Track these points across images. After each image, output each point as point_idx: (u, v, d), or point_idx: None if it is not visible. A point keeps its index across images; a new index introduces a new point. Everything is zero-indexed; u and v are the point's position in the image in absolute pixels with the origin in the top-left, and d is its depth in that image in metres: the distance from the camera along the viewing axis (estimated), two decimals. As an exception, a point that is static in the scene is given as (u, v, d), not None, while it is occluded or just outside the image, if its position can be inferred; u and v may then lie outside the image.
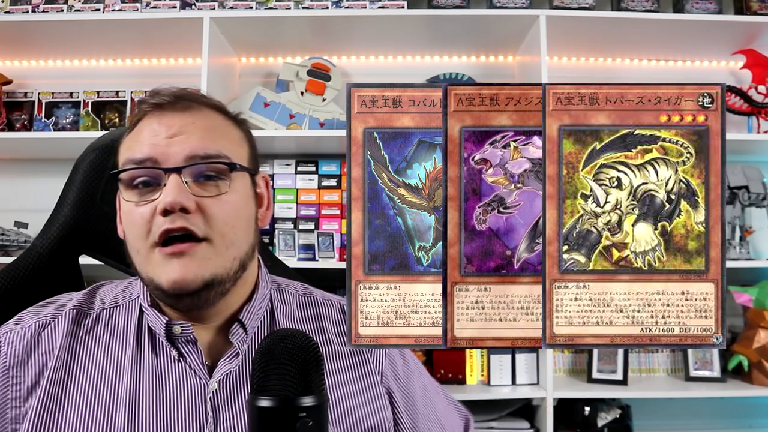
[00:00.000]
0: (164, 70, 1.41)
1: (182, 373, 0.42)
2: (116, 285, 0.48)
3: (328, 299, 0.51)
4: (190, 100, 0.43)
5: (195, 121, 0.43)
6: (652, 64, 1.41)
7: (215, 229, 0.41)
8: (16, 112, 1.34)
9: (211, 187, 0.42)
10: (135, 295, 0.46)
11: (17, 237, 1.25)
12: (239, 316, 0.44)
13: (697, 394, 1.20)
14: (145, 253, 0.41)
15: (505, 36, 1.29)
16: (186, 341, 0.43)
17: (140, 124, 0.43)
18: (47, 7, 1.24)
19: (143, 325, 0.44)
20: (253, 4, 1.25)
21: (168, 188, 0.40)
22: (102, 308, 0.45)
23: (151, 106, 0.43)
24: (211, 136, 0.43)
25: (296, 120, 1.29)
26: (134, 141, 0.43)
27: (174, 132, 0.42)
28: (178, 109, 0.43)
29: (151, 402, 0.41)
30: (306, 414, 0.30)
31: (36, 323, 0.43)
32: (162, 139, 0.41)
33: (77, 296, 0.46)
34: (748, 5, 1.28)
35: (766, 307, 1.17)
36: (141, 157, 0.41)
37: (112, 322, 0.44)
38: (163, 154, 0.41)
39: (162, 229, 0.40)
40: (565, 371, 1.32)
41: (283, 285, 0.51)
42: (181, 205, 0.39)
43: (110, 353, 0.43)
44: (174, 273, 0.40)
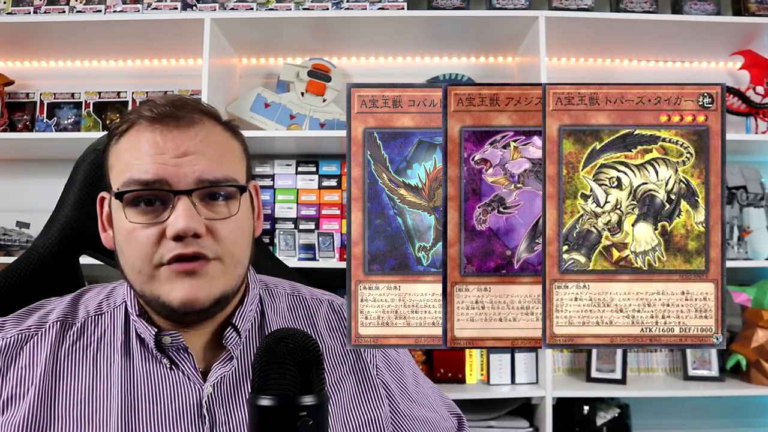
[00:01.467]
0: (165, 70, 1.41)
1: (175, 380, 0.42)
2: (99, 291, 0.47)
3: (316, 298, 0.51)
4: (189, 110, 0.42)
5: (202, 139, 0.41)
6: (651, 65, 1.41)
7: (224, 250, 0.41)
8: (18, 113, 1.35)
9: (220, 208, 0.41)
10: (119, 302, 0.45)
11: (19, 237, 1.25)
12: (232, 320, 0.44)
13: (695, 393, 1.21)
14: (148, 273, 0.40)
15: (504, 37, 1.29)
16: (177, 349, 0.43)
17: (134, 134, 0.41)
18: (49, 8, 1.24)
19: (130, 333, 0.43)
20: (254, 5, 1.25)
21: (179, 213, 0.39)
22: (86, 316, 0.44)
23: (150, 119, 0.41)
24: (218, 156, 0.42)
25: (297, 120, 1.30)
26: (134, 156, 0.41)
27: (182, 152, 0.40)
28: (182, 126, 0.41)
29: (146, 410, 0.41)
30: (306, 413, 0.30)
31: (18, 335, 0.42)
32: (170, 159, 0.40)
33: (61, 305, 0.45)
34: (746, 6, 1.28)
35: (764, 307, 1.18)
36: (149, 179, 0.40)
37: (99, 331, 0.43)
38: (173, 175, 0.40)
39: (173, 254, 0.39)
40: (564, 370, 1.32)
41: (271, 284, 0.50)
42: (194, 231, 0.39)
43: (98, 363, 0.42)
44: (184, 292, 0.39)
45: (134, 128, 0.42)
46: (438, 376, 1.22)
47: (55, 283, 0.53)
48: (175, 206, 0.40)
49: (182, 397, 0.42)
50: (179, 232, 0.39)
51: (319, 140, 1.25)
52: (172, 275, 0.40)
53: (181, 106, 0.42)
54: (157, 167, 0.40)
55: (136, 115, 0.42)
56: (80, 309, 0.45)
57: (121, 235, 0.42)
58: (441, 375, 1.22)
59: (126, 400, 0.41)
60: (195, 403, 0.42)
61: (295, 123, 1.29)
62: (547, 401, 1.14)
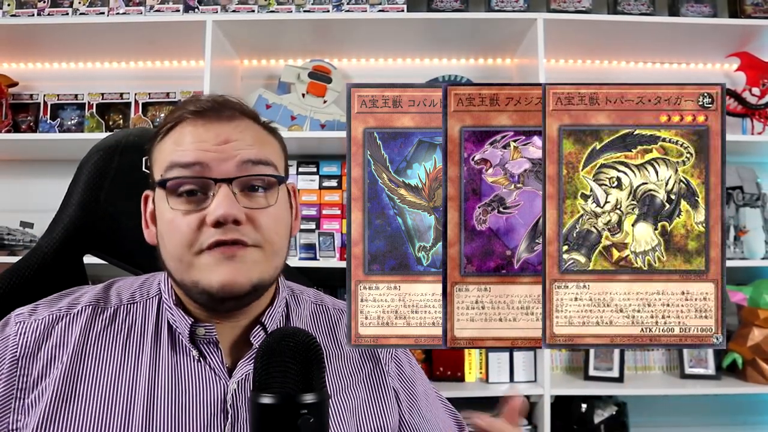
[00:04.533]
0: (167, 72, 1.42)
1: (202, 373, 0.42)
2: (132, 281, 0.48)
3: (338, 308, 0.52)
4: (231, 108, 0.43)
5: (242, 130, 0.42)
6: (648, 67, 1.42)
7: (264, 238, 0.41)
8: (21, 114, 1.35)
9: (258, 199, 0.42)
10: (153, 293, 0.46)
11: (23, 237, 1.25)
12: (261, 319, 0.45)
13: (692, 391, 1.21)
14: (189, 260, 0.41)
15: (503, 39, 1.30)
16: (208, 342, 0.43)
17: (178, 129, 0.43)
18: (52, 10, 1.25)
19: (161, 323, 0.44)
20: (255, 7, 1.26)
21: (219, 200, 0.40)
22: (120, 303, 0.45)
23: (192, 113, 0.42)
24: (259, 144, 0.43)
25: (297, 121, 1.30)
26: (177, 146, 0.42)
27: (223, 139, 0.41)
28: (223, 119, 0.42)
29: (169, 400, 0.41)
30: (307, 411, 0.30)
31: (50, 316, 0.43)
32: (211, 146, 0.41)
33: (93, 290, 0.46)
34: (743, 8, 1.29)
35: (760, 306, 1.18)
36: (189, 161, 0.40)
37: (130, 318, 0.44)
38: (214, 160, 0.41)
39: (213, 240, 0.40)
40: (562, 369, 1.33)
41: (297, 291, 0.51)
42: (234, 217, 0.39)
43: (128, 349, 0.43)
44: (224, 275, 0.40)
45: (179, 126, 0.43)
46: (437, 374, 1.22)
47: (59, 282, 0.53)
48: (216, 194, 0.40)
49: (207, 391, 0.42)
50: (219, 218, 0.39)
51: (319, 141, 1.25)
52: (211, 260, 0.40)
53: (223, 103, 0.44)
54: (197, 153, 0.41)
55: (180, 113, 0.43)
56: (112, 296, 0.46)
57: (164, 226, 0.42)
58: (440, 373, 1.22)
59: (151, 389, 0.41)
60: (219, 398, 0.42)
61: (296, 124, 1.30)
62: (546, 399, 1.15)
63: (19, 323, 0.43)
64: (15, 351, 0.42)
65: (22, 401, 0.41)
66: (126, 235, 0.54)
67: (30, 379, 0.41)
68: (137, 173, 0.49)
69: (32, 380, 0.41)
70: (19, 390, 0.41)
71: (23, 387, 0.41)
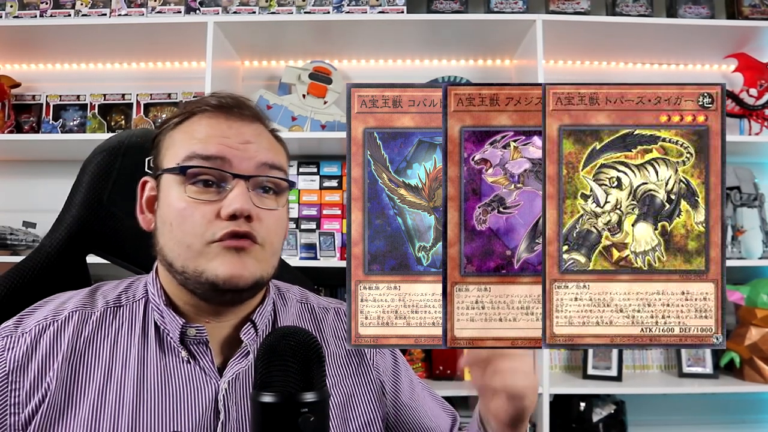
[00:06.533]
0: (169, 73, 1.42)
1: (192, 374, 0.42)
2: (117, 285, 0.48)
3: (323, 306, 0.52)
4: (250, 110, 0.45)
5: (259, 134, 0.44)
6: (647, 68, 1.42)
7: (268, 238, 0.43)
8: (24, 115, 1.36)
9: (268, 201, 0.44)
10: (140, 295, 0.46)
11: (26, 236, 1.26)
12: (252, 317, 0.45)
13: (690, 390, 1.21)
14: (199, 248, 0.41)
15: (502, 40, 1.30)
16: (197, 342, 0.43)
17: (195, 120, 0.43)
18: (55, 11, 1.26)
19: (148, 325, 0.44)
20: (256, 9, 1.26)
21: (236, 193, 0.41)
22: (105, 307, 0.45)
23: (214, 107, 0.44)
24: (273, 150, 0.45)
25: (298, 122, 1.30)
26: (195, 137, 0.42)
27: (245, 140, 0.43)
28: (245, 119, 0.44)
29: (157, 403, 0.41)
30: (308, 409, 0.30)
31: (36, 327, 0.43)
32: (234, 143, 0.42)
33: (78, 296, 0.46)
34: (740, 10, 1.29)
35: (757, 305, 1.19)
36: (211, 154, 0.41)
37: (117, 322, 0.44)
38: (236, 157, 0.42)
39: (228, 230, 0.40)
40: (560, 368, 1.33)
41: (283, 289, 0.52)
42: (248, 212, 0.41)
43: (116, 352, 0.43)
44: (231, 267, 0.40)
45: (196, 116, 0.44)
46: (437, 373, 1.22)
47: (62, 282, 0.53)
48: (233, 188, 0.41)
49: (198, 391, 0.42)
50: (235, 211, 0.40)
51: (320, 141, 1.25)
52: (222, 251, 0.41)
53: (243, 103, 0.45)
54: (219, 147, 0.42)
55: (197, 106, 0.44)
56: (98, 300, 0.46)
57: (172, 213, 0.42)
58: (440, 372, 1.22)
59: (139, 391, 0.41)
60: (211, 398, 0.42)
61: (296, 125, 1.30)
62: (544, 398, 1.14)
63: (6, 337, 0.42)
64: (4, 367, 0.41)
65: (18, 416, 0.40)
66: (129, 235, 0.54)
67: (23, 392, 0.41)
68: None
69: (25, 393, 0.41)
70: (13, 405, 0.40)
71: (17, 402, 0.40)
